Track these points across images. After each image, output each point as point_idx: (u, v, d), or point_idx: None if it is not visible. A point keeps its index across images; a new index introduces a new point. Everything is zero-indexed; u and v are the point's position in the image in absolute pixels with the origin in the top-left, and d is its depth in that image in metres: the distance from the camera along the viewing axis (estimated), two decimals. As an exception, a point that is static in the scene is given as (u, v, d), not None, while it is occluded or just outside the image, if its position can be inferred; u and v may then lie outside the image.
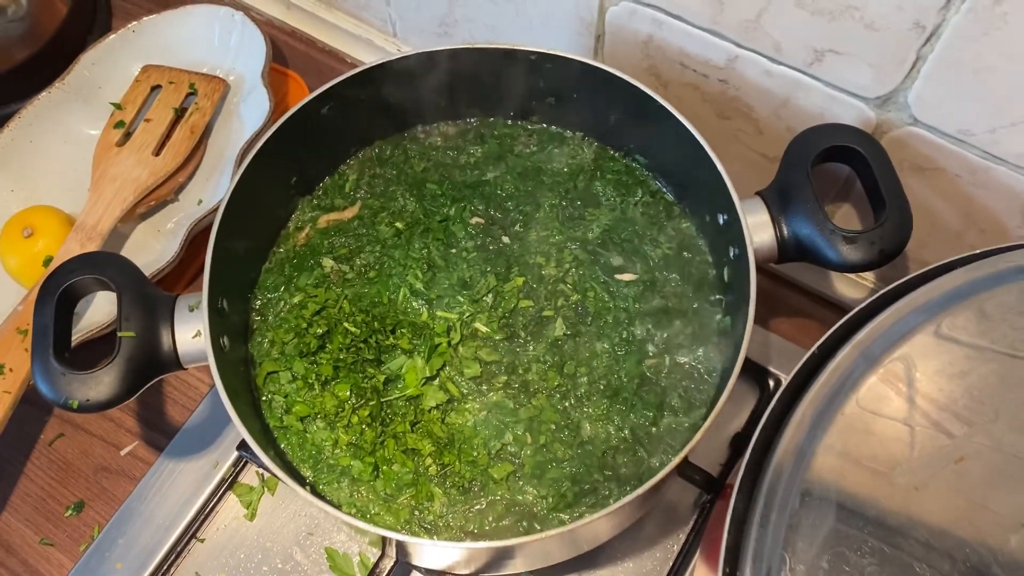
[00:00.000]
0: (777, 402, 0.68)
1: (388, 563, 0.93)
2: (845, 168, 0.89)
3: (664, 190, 0.99)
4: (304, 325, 0.90)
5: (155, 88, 1.20)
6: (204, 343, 0.80)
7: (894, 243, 0.80)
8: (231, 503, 1.05)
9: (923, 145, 0.85)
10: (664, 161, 0.96)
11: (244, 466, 1.05)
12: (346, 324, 0.90)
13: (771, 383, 1.05)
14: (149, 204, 1.14)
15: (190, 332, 0.82)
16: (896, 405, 0.66)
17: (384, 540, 0.90)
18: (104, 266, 0.83)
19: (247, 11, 1.23)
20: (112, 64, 1.21)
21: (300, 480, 0.85)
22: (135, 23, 1.22)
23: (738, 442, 1.03)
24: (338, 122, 0.96)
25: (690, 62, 0.94)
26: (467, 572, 0.89)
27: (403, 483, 0.86)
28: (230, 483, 1.04)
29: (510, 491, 0.85)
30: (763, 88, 0.91)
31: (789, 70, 0.87)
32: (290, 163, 0.94)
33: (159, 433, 1.09)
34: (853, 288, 1.07)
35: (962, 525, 0.61)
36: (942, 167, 0.86)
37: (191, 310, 0.82)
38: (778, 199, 0.85)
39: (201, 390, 1.10)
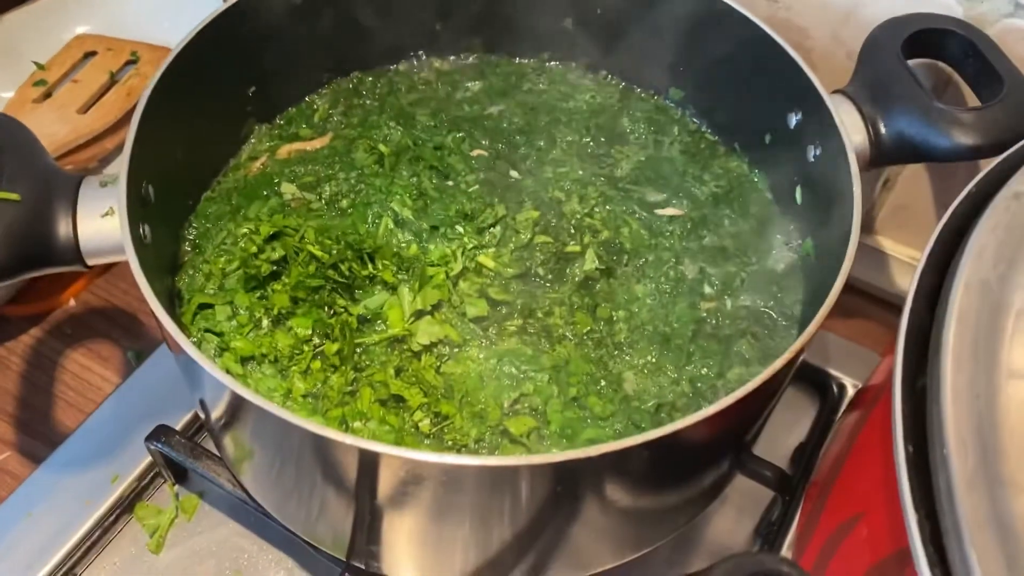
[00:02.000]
0: (936, 241, 0.48)
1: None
2: (929, 80, 0.74)
3: (704, 129, 0.82)
4: (253, 250, 0.68)
5: (89, 55, 1.02)
6: (118, 227, 0.58)
7: (1022, 118, 0.63)
8: (131, 529, 0.77)
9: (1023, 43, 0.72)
10: (706, 89, 0.81)
11: (153, 479, 0.78)
12: (310, 247, 0.68)
13: (834, 388, 0.85)
14: (65, 168, 0.92)
15: (99, 210, 0.59)
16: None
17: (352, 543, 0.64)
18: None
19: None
20: (42, 29, 1.04)
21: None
22: (73, -12, 1.06)
23: (800, 455, 0.80)
24: (304, 37, 0.78)
25: (733, -22, 0.81)
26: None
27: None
28: (131, 502, 0.77)
29: (530, 453, 0.61)
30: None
31: (858, -36, 0.74)
32: (243, 68, 0.76)
33: (41, 442, 0.82)
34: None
35: None
36: (1048, 72, 0.72)
37: (103, 185, 0.60)
38: (866, 94, 0.69)
39: (104, 390, 0.85)
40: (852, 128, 0.67)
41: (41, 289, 0.91)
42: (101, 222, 0.59)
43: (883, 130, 0.67)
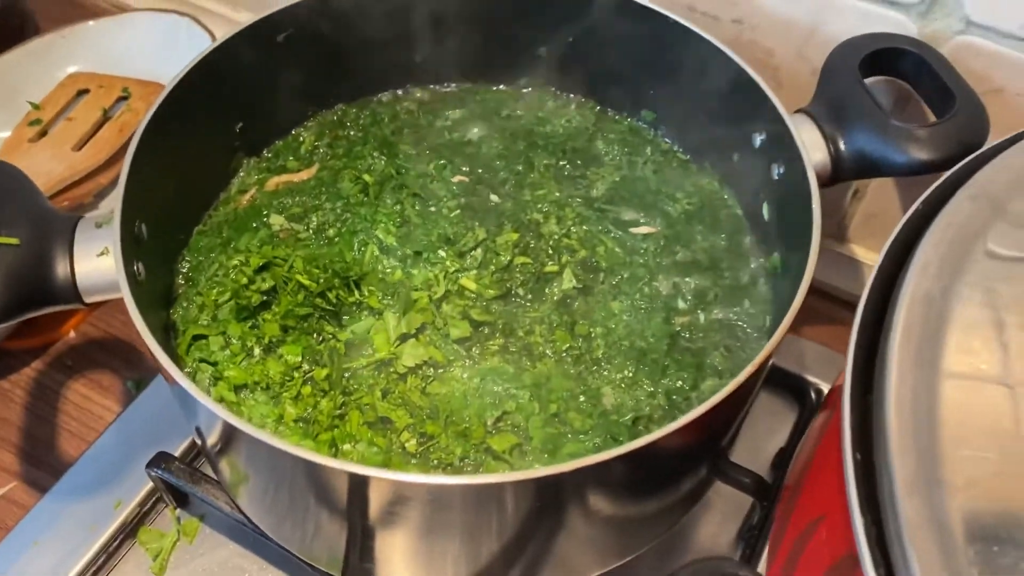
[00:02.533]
0: (885, 256, 0.51)
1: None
2: (887, 99, 0.78)
3: (676, 148, 0.85)
4: (244, 281, 0.71)
5: (82, 92, 1.06)
6: (113, 265, 0.60)
7: (973, 133, 0.66)
8: (135, 554, 0.80)
9: (978, 59, 0.74)
10: (676, 110, 0.83)
11: (154, 505, 0.81)
12: (298, 277, 0.71)
13: (812, 394, 0.87)
14: (62, 204, 0.96)
15: (95, 249, 0.62)
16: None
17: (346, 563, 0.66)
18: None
19: (195, 17, 1.11)
20: (36, 69, 1.07)
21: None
22: (67, 28, 1.10)
23: (780, 461, 0.83)
24: (289, 72, 0.81)
25: (699, 2, 0.84)
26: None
27: (370, 465, 0.64)
28: (134, 527, 0.80)
29: (513, 469, 0.64)
30: (784, 19, 0.81)
31: (816, -14, 0.77)
32: (231, 104, 0.79)
33: (45, 471, 0.84)
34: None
35: None
36: (1000, 87, 0.75)
37: (99, 226, 0.63)
38: (826, 113, 0.72)
39: (106, 419, 0.87)
40: (813, 146, 0.70)
41: (42, 322, 0.94)
42: (97, 261, 0.62)
43: (843, 147, 0.70)
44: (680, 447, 0.60)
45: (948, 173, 0.55)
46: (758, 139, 0.73)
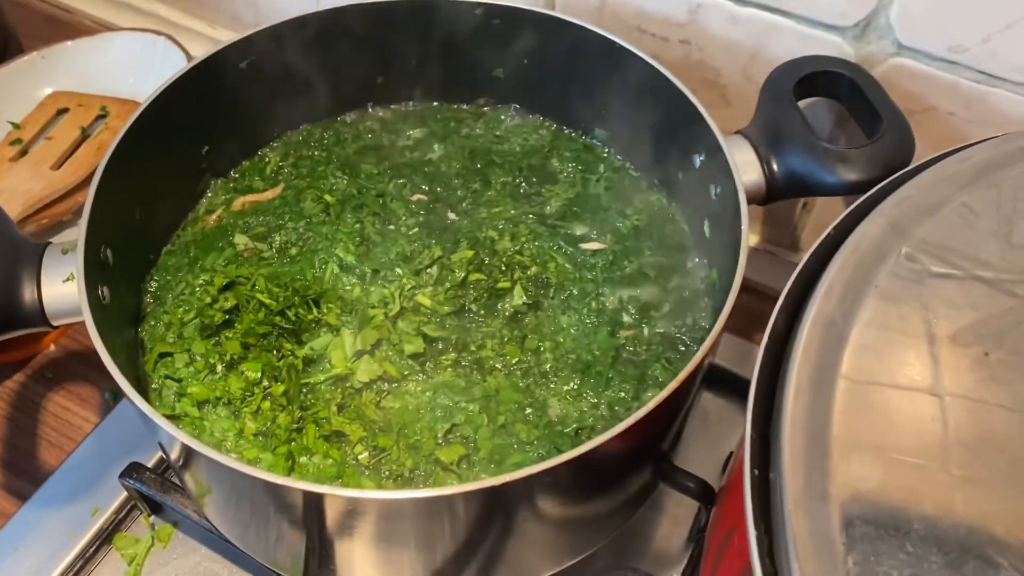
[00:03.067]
0: (795, 281, 0.55)
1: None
2: (828, 118, 0.81)
3: (628, 166, 0.88)
4: (208, 300, 0.75)
5: (62, 112, 1.09)
6: (77, 290, 0.64)
7: (897, 154, 0.70)
8: (111, 559, 0.83)
9: (910, 80, 0.78)
10: (627, 127, 0.87)
11: (129, 512, 0.84)
12: (259, 296, 0.74)
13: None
14: (41, 222, 0.99)
15: (61, 276, 0.66)
16: (940, 272, 0.53)
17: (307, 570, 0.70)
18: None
19: (170, 36, 1.14)
20: (16, 89, 1.10)
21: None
22: (45, 49, 1.13)
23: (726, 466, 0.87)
24: (254, 96, 0.85)
25: (648, 24, 0.87)
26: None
27: (325, 476, 0.67)
28: (109, 534, 0.83)
29: (461, 480, 0.68)
30: (729, 41, 0.84)
31: (756, 10, 0.80)
32: (195, 128, 0.82)
33: (25, 480, 0.88)
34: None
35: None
36: (933, 105, 0.78)
37: (65, 253, 0.67)
38: (761, 135, 0.75)
39: (84, 429, 0.91)
40: (747, 167, 0.73)
41: (23, 337, 0.97)
42: (63, 287, 0.65)
43: (776, 168, 0.73)
44: (619, 454, 0.64)
45: (861, 199, 0.59)
46: (698, 160, 0.77)
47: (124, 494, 0.84)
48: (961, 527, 0.43)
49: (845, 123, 0.84)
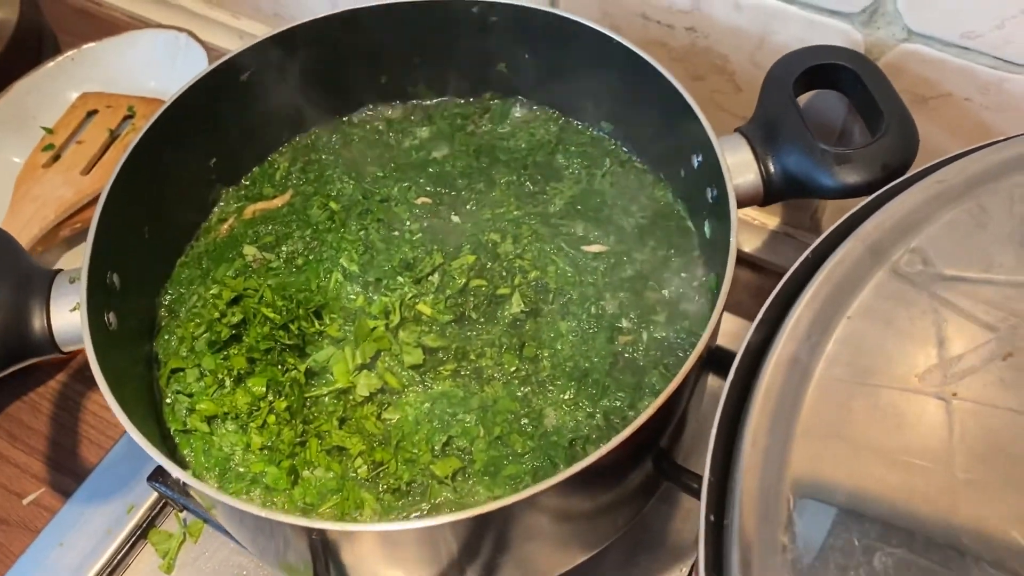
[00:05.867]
0: (768, 308, 0.53)
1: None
2: (841, 108, 0.77)
3: (634, 158, 0.87)
4: (216, 315, 0.77)
5: (91, 113, 1.12)
6: (82, 318, 0.67)
7: (898, 156, 0.67)
8: (147, 553, 0.88)
9: (923, 66, 0.74)
10: (631, 123, 0.85)
11: (162, 508, 0.89)
12: (264, 310, 0.76)
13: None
14: (75, 227, 1.03)
15: (68, 305, 0.69)
16: (914, 298, 0.51)
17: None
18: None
19: (191, 33, 1.16)
20: (48, 92, 1.14)
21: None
22: (74, 51, 1.16)
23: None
24: (259, 101, 0.86)
25: (653, 12, 0.84)
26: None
27: (326, 490, 0.70)
28: (144, 530, 0.88)
29: (456, 492, 0.69)
30: (735, 28, 0.81)
31: (760, -3, 0.77)
32: (204, 141, 0.84)
33: (69, 477, 0.93)
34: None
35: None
36: (948, 91, 0.74)
37: (71, 282, 0.70)
38: (760, 133, 0.73)
39: (120, 428, 0.95)
40: (743, 168, 0.71)
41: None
42: (71, 316, 0.68)
43: (773, 169, 0.71)
44: (615, 465, 0.64)
45: (839, 221, 0.57)
46: (696, 160, 0.75)
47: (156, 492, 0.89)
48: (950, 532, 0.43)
49: (856, 117, 0.81)
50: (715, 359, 0.70)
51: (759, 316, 0.54)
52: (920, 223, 0.54)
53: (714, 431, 0.50)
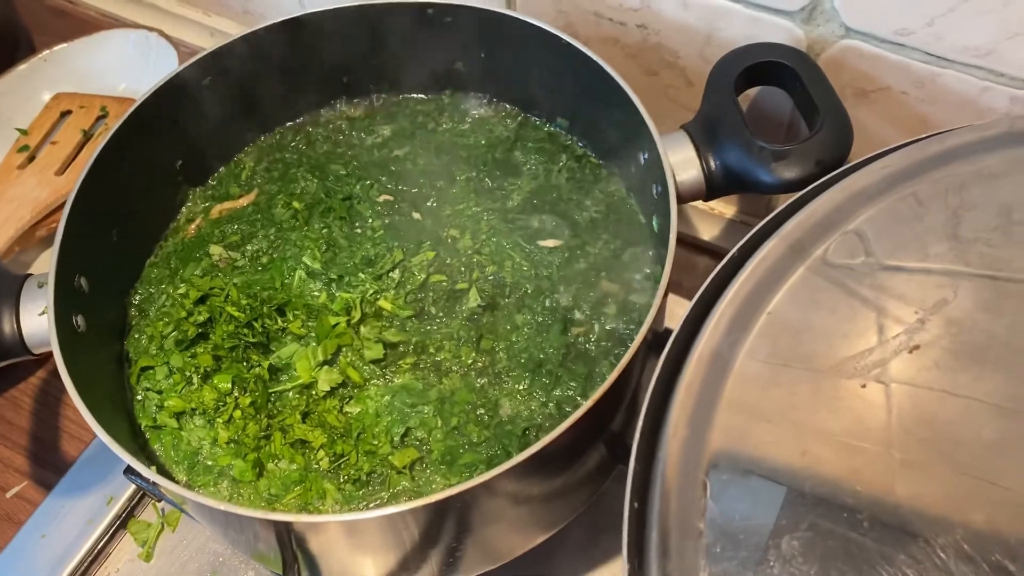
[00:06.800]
0: (695, 305, 0.56)
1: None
2: (788, 104, 0.80)
3: (590, 153, 0.89)
4: (183, 314, 0.80)
5: (65, 114, 1.14)
6: (49, 322, 0.70)
7: (833, 151, 0.69)
8: (126, 543, 0.91)
9: (861, 61, 0.76)
10: (585, 119, 0.87)
11: (140, 499, 0.92)
12: (229, 309, 0.79)
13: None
14: (51, 227, 1.06)
15: (37, 309, 0.71)
16: (839, 290, 0.54)
17: (284, 564, 0.76)
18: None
19: (161, 32, 1.17)
20: (22, 93, 1.16)
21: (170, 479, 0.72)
22: (46, 52, 1.17)
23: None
24: (225, 103, 0.88)
25: (605, 10, 0.86)
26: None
27: (290, 481, 0.73)
28: (124, 520, 0.91)
29: (414, 481, 0.72)
30: (683, 25, 0.83)
31: (705, -4, 0.79)
32: (169, 144, 0.86)
33: (51, 471, 0.96)
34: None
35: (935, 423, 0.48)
36: (886, 85, 0.77)
37: (40, 286, 0.72)
38: (703, 130, 0.75)
39: (100, 422, 0.99)
40: (686, 164, 0.73)
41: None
42: (40, 320, 0.71)
43: (713, 165, 0.73)
44: (567, 449, 0.67)
45: (763, 222, 0.59)
46: (642, 157, 0.77)
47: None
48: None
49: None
50: (662, 346, 0.73)
51: (684, 314, 0.56)
52: (842, 220, 0.57)
53: (640, 423, 0.52)
